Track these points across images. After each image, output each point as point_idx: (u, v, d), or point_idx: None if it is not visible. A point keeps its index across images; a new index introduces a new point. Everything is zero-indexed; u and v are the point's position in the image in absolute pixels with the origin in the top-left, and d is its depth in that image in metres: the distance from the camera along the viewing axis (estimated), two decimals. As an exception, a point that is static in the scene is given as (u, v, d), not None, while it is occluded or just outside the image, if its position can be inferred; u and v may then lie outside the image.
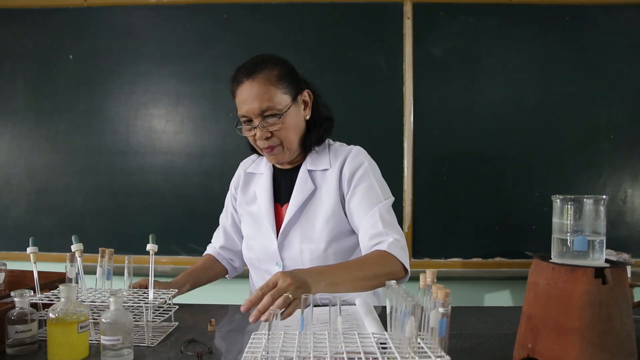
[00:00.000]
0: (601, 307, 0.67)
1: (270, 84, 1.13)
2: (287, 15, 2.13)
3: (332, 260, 1.20)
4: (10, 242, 2.18)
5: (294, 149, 1.21)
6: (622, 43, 2.07)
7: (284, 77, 1.16)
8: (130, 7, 2.18)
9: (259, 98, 1.12)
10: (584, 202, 0.73)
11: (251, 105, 1.13)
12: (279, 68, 1.16)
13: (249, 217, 1.33)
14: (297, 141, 1.21)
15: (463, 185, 2.09)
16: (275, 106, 1.13)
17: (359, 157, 1.23)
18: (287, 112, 1.15)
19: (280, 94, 1.14)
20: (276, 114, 1.14)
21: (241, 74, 1.16)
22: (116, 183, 2.16)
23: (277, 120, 1.14)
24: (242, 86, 1.15)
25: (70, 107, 2.19)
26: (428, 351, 0.65)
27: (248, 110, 1.14)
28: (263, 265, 1.28)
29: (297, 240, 1.22)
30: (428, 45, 2.10)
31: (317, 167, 1.24)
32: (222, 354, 0.85)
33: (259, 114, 1.13)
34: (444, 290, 0.65)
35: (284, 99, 1.15)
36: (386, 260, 1.07)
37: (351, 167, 1.21)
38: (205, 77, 2.15)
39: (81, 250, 0.98)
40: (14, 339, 0.84)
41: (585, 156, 2.07)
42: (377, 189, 1.19)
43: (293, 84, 1.18)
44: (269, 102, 1.13)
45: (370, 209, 1.15)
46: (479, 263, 2.08)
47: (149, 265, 0.99)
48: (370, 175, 1.20)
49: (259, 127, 1.15)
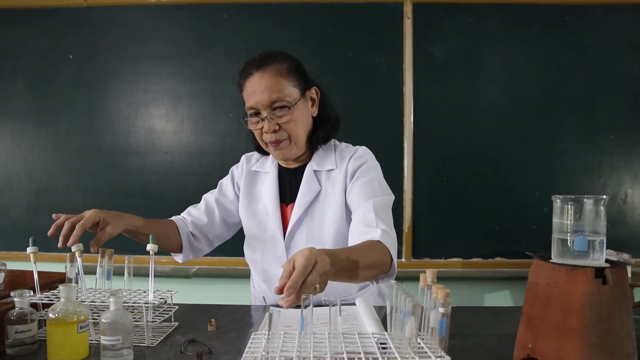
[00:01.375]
0: (601, 307, 0.67)
1: (280, 75, 1.13)
2: (287, 15, 2.13)
3: None
4: (10, 242, 2.18)
5: (301, 145, 1.20)
6: (622, 43, 2.07)
7: (293, 71, 1.16)
8: (130, 7, 2.18)
9: (270, 89, 1.12)
10: (584, 202, 0.73)
11: (261, 96, 1.12)
12: (289, 62, 1.16)
13: (252, 216, 1.30)
14: (304, 136, 1.20)
15: (463, 185, 2.09)
16: (285, 98, 1.13)
17: (363, 157, 1.23)
18: (296, 105, 1.15)
19: (290, 86, 1.14)
20: (285, 105, 1.13)
21: (251, 66, 1.16)
22: (116, 183, 2.17)
23: (286, 111, 1.13)
24: (251, 78, 1.15)
25: (70, 107, 2.19)
26: (428, 351, 0.65)
27: (257, 101, 1.13)
28: (267, 266, 1.27)
29: (303, 241, 1.21)
30: (428, 45, 2.10)
31: (322, 167, 1.23)
32: (222, 354, 0.85)
33: (269, 105, 1.13)
34: (444, 290, 0.65)
35: (294, 92, 1.15)
36: (378, 249, 1.02)
37: (355, 164, 1.21)
38: (205, 77, 2.15)
39: (81, 250, 0.98)
40: (13, 339, 0.84)
41: (585, 156, 2.07)
42: (376, 185, 1.18)
43: (302, 79, 1.18)
44: (279, 93, 1.12)
45: (366, 200, 1.14)
46: (479, 263, 2.08)
47: (149, 265, 0.99)
48: (371, 172, 1.20)
49: (267, 119, 1.14)
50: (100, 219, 1.04)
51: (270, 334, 0.69)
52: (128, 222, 1.12)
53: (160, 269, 2.09)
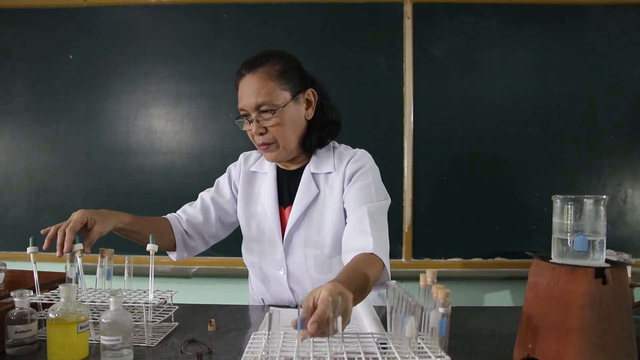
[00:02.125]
0: (601, 307, 0.67)
1: (269, 78, 1.12)
2: (287, 15, 2.13)
3: (336, 265, 1.19)
4: (10, 242, 2.18)
5: (290, 149, 1.19)
6: (622, 43, 2.07)
7: (285, 73, 1.14)
8: (130, 7, 2.18)
9: (256, 92, 1.12)
10: (584, 202, 0.73)
11: (248, 99, 1.13)
12: (282, 63, 1.15)
13: (251, 217, 1.28)
14: (294, 140, 1.19)
15: (463, 185, 2.09)
16: (272, 101, 1.12)
17: (361, 160, 1.21)
18: (283, 108, 1.13)
19: (278, 89, 1.13)
20: (271, 109, 1.13)
21: (244, 67, 1.16)
22: (116, 183, 2.16)
23: (270, 115, 1.13)
24: (243, 79, 1.15)
25: (70, 107, 2.19)
26: (428, 351, 0.65)
27: (245, 104, 1.13)
28: (265, 269, 1.26)
29: (301, 245, 1.20)
30: (428, 45, 2.10)
31: (321, 169, 1.22)
32: (222, 354, 0.85)
33: (255, 108, 1.13)
34: (444, 290, 0.65)
35: (283, 95, 1.14)
36: (374, 264, 1.01)
37: (352, 168, 1.20)
38: (205, 77, 2.15)
39: (81, 250, 0.98)
40: (13, 339, 0.84)
41: (585, 156, 2.07)
42: (372, 189, 1.17)
43: (295, 81, 1.16)
44: (265, 97, 1.12)
45: (361, 205, 1.13)
46: (479, 263, 2.08)
47: (149, 265, 0.99)
48: (368, 175, 1.19)
49: (254, 122, 1.14)
50: (88, 219, 1.03)
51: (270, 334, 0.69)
52: (117, 219, 1.11)
53: (160, 269, 2.09)
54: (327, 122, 1.23)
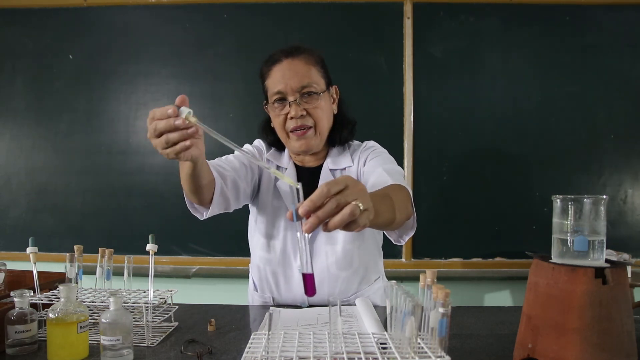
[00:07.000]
0: (601, 307, 0.67)
1: (310, 63, 1.16)
2: (287, 15, 2.13)
3: (357, 261, 1.19)
4: (10, 242, 2.18)
5: (323, 137, 1.20)
6: (622, 43, 2.07)
7: (320, 64, 1.19)
8: (130, 7, 2.18)
9: (300, 74, 1.13)
10: (584, 202, 0.73)
11: (290, 80, 1.13)
12: (316, 55, 1.19)
13: (270, 211, 1.23)
14: (327, 129, 1.20)
15: (463, 185, 2.09)
16: (315, 84, 1.14)
17: (373, 146, 1.26)
18: (323, 94, 1.16)
19: (319, 76, 1.16)
20: (315, 91, 1.14)
21: (280, 54, 1.16)
22: (116, 183, 2.16)
23: (315, 97, 1.14)
24: (279, 64, 1.15)
25: (70, 107, 2.19)
26: (428, 351, 0.65)
27: (286, 85, 1.13)
28: (281, 268, 1.23)
29: (322, 242, 1.20)
30: (428, 45, 2.10)
31: (338, 165, 1.24)
32: (222, 354, 0.85)
33: (298, 89, 1.13)
34: (444, 290, 0.65)
35: (322, 82, 1.17)
36: (403, 190, 0.98)
37: (366, 153, 1.23)
38: (205, 77, 2.15)
39: (81, 250, 0.98)
40: (13, 339, 0.84)
41: (585, 156, 2.07)
42: (385, 157, 1.19)
43: (327, 74, 1.21)
44: (310, 79, 1.14)
45: (379, 167, 1.11)
46: (479, 263, 2.08)
47: (149, 265, 0.99)
48: (381, 153, 1.23)
49: (295, 103, 1.13)
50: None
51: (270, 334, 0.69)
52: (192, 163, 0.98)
53: (160, 269, 2.09)
54: (348, 120, 1.27)
